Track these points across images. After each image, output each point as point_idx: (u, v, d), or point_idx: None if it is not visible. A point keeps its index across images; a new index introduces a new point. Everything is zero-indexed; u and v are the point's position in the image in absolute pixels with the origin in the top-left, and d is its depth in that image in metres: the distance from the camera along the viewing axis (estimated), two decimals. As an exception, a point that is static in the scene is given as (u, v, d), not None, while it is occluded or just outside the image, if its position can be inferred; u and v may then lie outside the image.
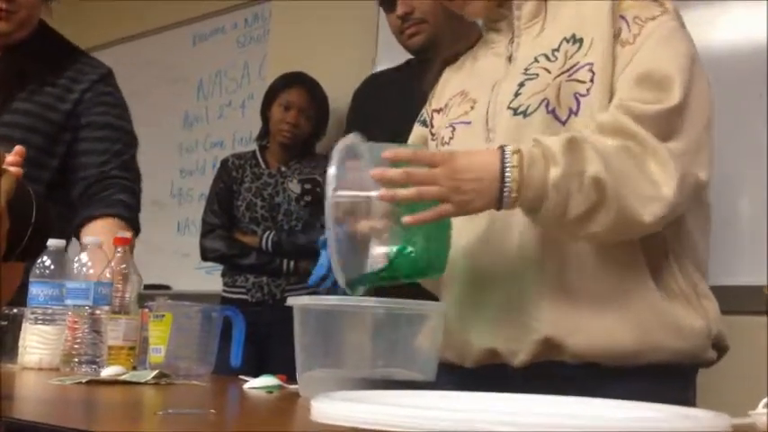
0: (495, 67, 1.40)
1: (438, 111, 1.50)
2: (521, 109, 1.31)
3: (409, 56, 2.45)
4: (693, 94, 1.23)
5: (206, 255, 3.13)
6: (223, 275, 3.16)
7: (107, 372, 1.41)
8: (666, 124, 1.21)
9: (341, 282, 1.20)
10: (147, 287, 1.92)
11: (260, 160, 3.19)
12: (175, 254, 3.94)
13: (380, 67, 2.93)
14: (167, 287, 3.78)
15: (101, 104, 2.04)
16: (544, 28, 1.36)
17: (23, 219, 0.73)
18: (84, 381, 1.28)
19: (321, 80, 3.18)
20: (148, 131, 4.16)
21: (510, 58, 1.38)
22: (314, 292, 1.62)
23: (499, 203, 1.19)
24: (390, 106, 2.30)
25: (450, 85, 1.51)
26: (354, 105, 2.60)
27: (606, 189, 1.17)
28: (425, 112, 1.56)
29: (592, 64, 1.27)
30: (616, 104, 1.24)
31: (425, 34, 2.26)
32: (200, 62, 4.09)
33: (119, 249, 1.58)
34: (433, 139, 1.49)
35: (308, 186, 3.08)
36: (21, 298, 1.58)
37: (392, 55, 2.54)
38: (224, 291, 3.12)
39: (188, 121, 4.12)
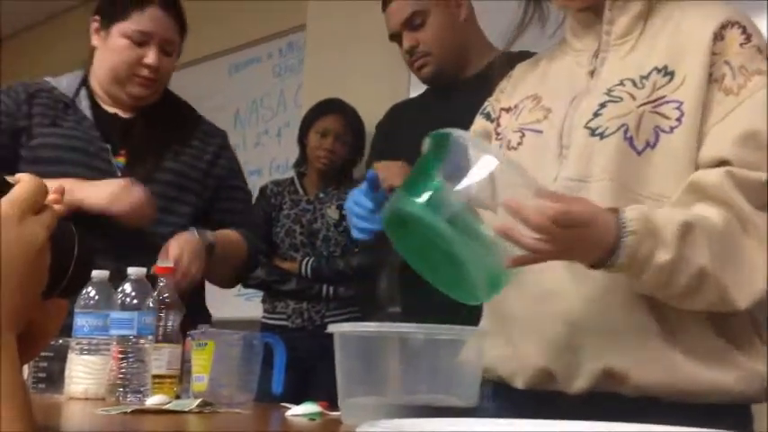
0: (574, 77, 1.36)
1: (507, 110, 1.46)
2: (598, 130, 1.27)
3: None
4: None
5: (246, 281, 3.15)
6: (263, 302, 3.17)
7: (151, 401, 1.42)
8: None
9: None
10: (189, 314, 1.94)
11: (298, 187, 3.21)
12: (215, 281, 3.96)
13: (414, 95, 2.95)
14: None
15: (228, 169, 2.18)
16: (635, 48, 1.32)
17: (66, 253, 0.74)
18: (129, 411, 1.29)
19: (355, 107, 3.20)
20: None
21: (592, 73, 1.34)
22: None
23: (596, 268, 1.18)
24: (410, 135, 2.32)
25: (523, 85, 1.46)
26: (377, 134, 2.63)
27: (708, 279, 1.18)
28: (490, 106, 1.52)
29: (681, 103, 1.24)
30: (722, 166, 1.21)
31: (432, 66, 2.30)
32: (236, 92, 4.15)
33: (161, 279, 1.60)
34: (497, 139, 1.45)
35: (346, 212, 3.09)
36: (66, 329, 1.61)
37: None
38: (264, 317, 3.14)
39: (226, 150, 4.16)
